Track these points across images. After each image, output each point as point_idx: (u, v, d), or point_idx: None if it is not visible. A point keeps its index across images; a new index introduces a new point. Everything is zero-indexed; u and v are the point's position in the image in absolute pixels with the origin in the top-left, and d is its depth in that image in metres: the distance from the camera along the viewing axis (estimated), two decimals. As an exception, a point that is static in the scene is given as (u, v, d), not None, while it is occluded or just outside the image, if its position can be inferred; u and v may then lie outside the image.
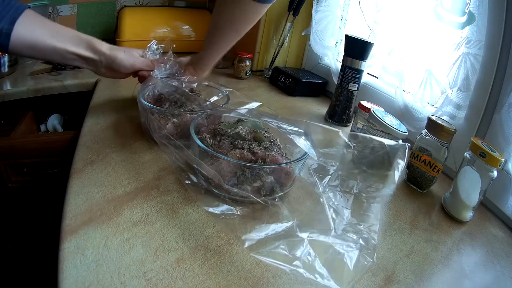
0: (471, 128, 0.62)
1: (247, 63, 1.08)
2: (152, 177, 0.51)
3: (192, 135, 0.49)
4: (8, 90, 0.85)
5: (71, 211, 0.41)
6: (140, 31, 1.21)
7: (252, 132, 0.53)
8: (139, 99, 0.59)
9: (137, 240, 0.38)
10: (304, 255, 0.38)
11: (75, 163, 0.51)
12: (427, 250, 0.46)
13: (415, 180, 0.60)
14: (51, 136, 0.80)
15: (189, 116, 0.58)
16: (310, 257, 0.38)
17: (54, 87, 0.91)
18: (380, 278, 0.39)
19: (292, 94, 1.01)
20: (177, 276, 0.35)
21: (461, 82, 0.63)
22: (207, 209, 0.43)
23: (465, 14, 0.61)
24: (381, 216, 0.51)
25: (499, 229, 0.54)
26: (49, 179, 0.79)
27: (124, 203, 0.44)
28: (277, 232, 0.41)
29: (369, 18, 0.87)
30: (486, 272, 0.45)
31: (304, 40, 1.15)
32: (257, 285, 0.36)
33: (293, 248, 0.38)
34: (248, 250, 0.38)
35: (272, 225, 0.42)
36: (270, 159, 0.48)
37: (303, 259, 0.37)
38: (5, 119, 0.91)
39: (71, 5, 1.23)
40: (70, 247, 0.36)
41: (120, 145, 0.58)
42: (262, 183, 0.46)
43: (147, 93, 0.65)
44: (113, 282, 0.33)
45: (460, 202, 0.53)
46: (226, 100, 0.67)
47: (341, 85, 0.82)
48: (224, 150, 0.49)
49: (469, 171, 0.51)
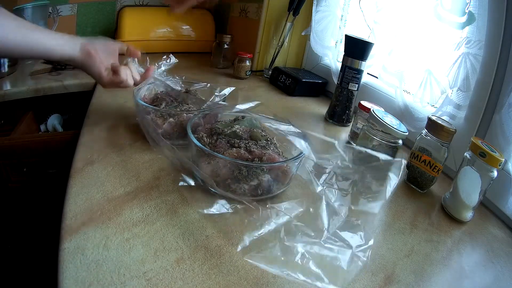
0: (471, 128, 0.62)
1: (247, 63, 1.08)
2: (152, 177, 0.51)
3: (189, 134, 0.49)
4: (8, 90, 0.85)
5: (71, 211, 0.41)
6: (140, 31, 1.21)
7: (249, 131, 0.53)
8: (135, 98, 0.59)
9: (137, 240, 0.38)
10: (298, 257, 0.38)
11: (75, 163, 0.51)
12: (427, 250, 0.46)
13: (415, 180, 0.60)
14: (51, 136, 0.80)
15: (185, 115, 0.58)
16: (305, 259, 0.38)
17: (54, 87, 0.91)
18: (380, 278, 0.39)
19: (292, 94, 1.01)
20: (177, 276, 0.35)
21: (461, 82, 0.63)
22: (201, 211, 0.44)
23: (465, 14, 0.61)
24: (381, 216, 0.51)
25: (499, 229, 0.54)
26: (49, 179, 0.79)
27: (124, 203, 0.44)
28: (270, 231, 0.41)
29: (369, 18, 0.87)
30: (486, 272, 0.45)
31: (304, 40, 1.15)
32: (257, 285, 0.36)
33: (287, 251, 0.38)
34: (241, 254, 0.38)
35: (267, 225, 0.42)
36: (267, 157, 0.48)
37: (297, 261, 0.37)
38: (5, 119, 0.91)
39: (71, 5, 1.23)
40: (70, 247, 0.36)
41: (120, 145, 0.58)
42: (259, 182, 0.46)
43: (143, 93, 0.65)
44: (113, 282, 0.33)
45: (460, 202, 0.53)
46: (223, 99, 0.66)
47: (341, 85, 0.82)
48: (221, 149, 0.49)
49: (469, 171, 0.51)
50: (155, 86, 0.67)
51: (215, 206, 0.44)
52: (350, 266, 0.38)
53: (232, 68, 1.11)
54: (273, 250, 0.39)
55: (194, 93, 0.68)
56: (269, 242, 0.40)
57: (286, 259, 0.38)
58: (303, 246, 0.39)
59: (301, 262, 0.37)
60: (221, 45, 1.17)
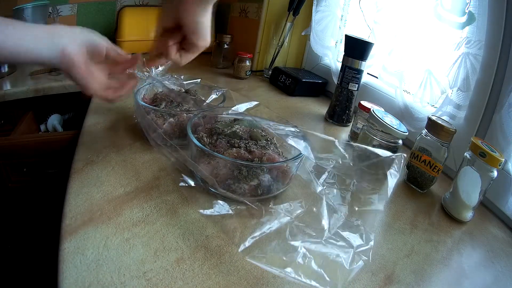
0: (471, 128, 0.62)
1: (247, 63, 1.08)
2: (152, 177, 0.51)
3: (189, 135, 0.49)
4: (8, 90, 0.85)
5: (71, 211, 0.41)
6: (140, 31, 1.21)
7: (249, 131, 0.53)
8: (135, 99, 0.59)
9: (137, 240, 0.38)
10: (299, 257, 0.38)
11: (75, 163, 0.51)
12: (427, 250, 0.46)
13: (415, 180, 0.60)
14: (51, 136, 0.80)
15: (185, 115, 0.58)
16: (306, 259, 0.38)
17: (54, 87, 0.91)
18: (380, 278, 0.39)
19: (292, 94, 1.01)
20: (177, 276, 0.35)
21: (461, 82, 0.63)
22: (202, 212, 0.44)
23: (465, 14, 0.61)
24: (381, 216, 0.51)
25: (499, 229, 0.54)
26: (49, 179, 0.79)
27: (124, 203, 0.44)
28: (271, 231, 0.41)
29: (369, 18, 0.87)
30: (486, 272, 0.45)
31: (304, 40, 1.15)
32: (257, 285, 0.36)
33: (288, 251, 0.38)
34: (242, 254, 0.38)
35: (268, 225, 0.42)
36: (267, 157, 0.48)
37: (299, 261, 0.37)
38: (5, 119, 0.91)
39: (71, 5, 1.23)
40: (70, 247, 0.36)
41: (120, 145, 0.58)
42: (259, 182, 0.46)
43: (143, 93, 0.65)
44: (113, 282, 0.33)
45: (460, 202, 0.53)
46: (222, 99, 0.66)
47: (341, 85, 0.82)
48: (221, 149, 0.49)
49: (469, 171, 0.51)
50: (154, 87, 0.67)
51: (216, 206, 0.44)
52: (351, 266, 0.38)
53: (232, 68, 1.11)
54: (274, 250, 0.39)
55: (194, 93, 0.68)
56: (270, 242, 0.40)
57: (287, 259, 0.38)
58: (304, 246, 0.39)
59: (302, 262, 0.37)
60: (221, 45, 1.17)
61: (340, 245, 0.40)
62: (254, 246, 0.39)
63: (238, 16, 1.30)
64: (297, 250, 0.39)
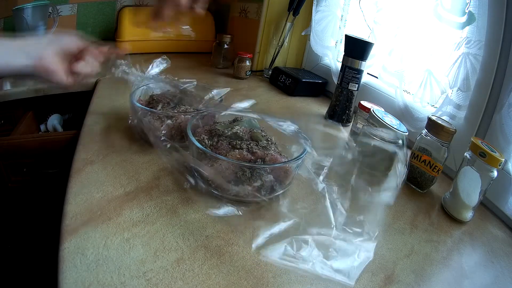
0: (471, 128, 0.62)
1: (247, 63, 1.08)
2: (152, 177, 0.51)
3: (190, 137, 0.49)
4: (8, 90, 0.85)
5: (71, 211, 0.41)
6: (140, 31, 1.21)
7: (249, 131, 0.53)
8: (131, 101, 0.58)
9: (137, 240, 0.38)
10: (310, 253, 0.38)
11: (75, 163, 0.51)
12: (427, 250, 0.46)
13: (415, 180, 0.60)
14: (51, 136, 0.80)
15: (183, 117, 0.58)
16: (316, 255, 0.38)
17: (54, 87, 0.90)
18: (380, 278, 0.39)
19: (292, 94, 1.01)
20: (177, 276, 0.35)
21: (461, 82, 0.63)
22: (210, 212, 0.44)
23: (465, 14, 0.61)
24: (381, 216, 0.51)
25: (499, 229, 0.54)
26: (49, 179, 0.79)
27: (124, 203, 0.44)
28: (281, 231, 0.41)
29: (369, 18, 0.87)
30: (486, 272, 0.45)
31: (304, 40, 1.15)
32: (257, 285, 0.36)
33: (299, 248, 0.38)
34: (256, 253, 0.38)
35: (276, 224, 0.42)
36: (270, 158, 0.48)
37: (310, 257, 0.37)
38: (5, 119, 0.91)
39: (71, 5, 1.23)
40: (70, 247, 0.36)
41: (120, 145, 0.58)
42: (262, 183, 0.46)
43: (138, 94, 0.63)
44: (113, 282, 0.33)
45: (460, 202, 0.53)
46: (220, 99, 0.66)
47: (341, 85, 0.82)
48: (223, 151, 0.49)
49: (469, 171, 0.51)
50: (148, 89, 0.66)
51: (220, 207, 0.44)
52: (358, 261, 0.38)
53: (232, 68, 1.11)
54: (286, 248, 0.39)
55: (190, 93, 0.67)
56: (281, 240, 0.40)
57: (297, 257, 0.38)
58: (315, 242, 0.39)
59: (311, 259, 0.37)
60: (221, 45, 1.17)
61: (348, 240, 0.40)
62: (266, 244, 0.39)
63: (238, 16, 1.30)
64: (307, 246, 0.39)
